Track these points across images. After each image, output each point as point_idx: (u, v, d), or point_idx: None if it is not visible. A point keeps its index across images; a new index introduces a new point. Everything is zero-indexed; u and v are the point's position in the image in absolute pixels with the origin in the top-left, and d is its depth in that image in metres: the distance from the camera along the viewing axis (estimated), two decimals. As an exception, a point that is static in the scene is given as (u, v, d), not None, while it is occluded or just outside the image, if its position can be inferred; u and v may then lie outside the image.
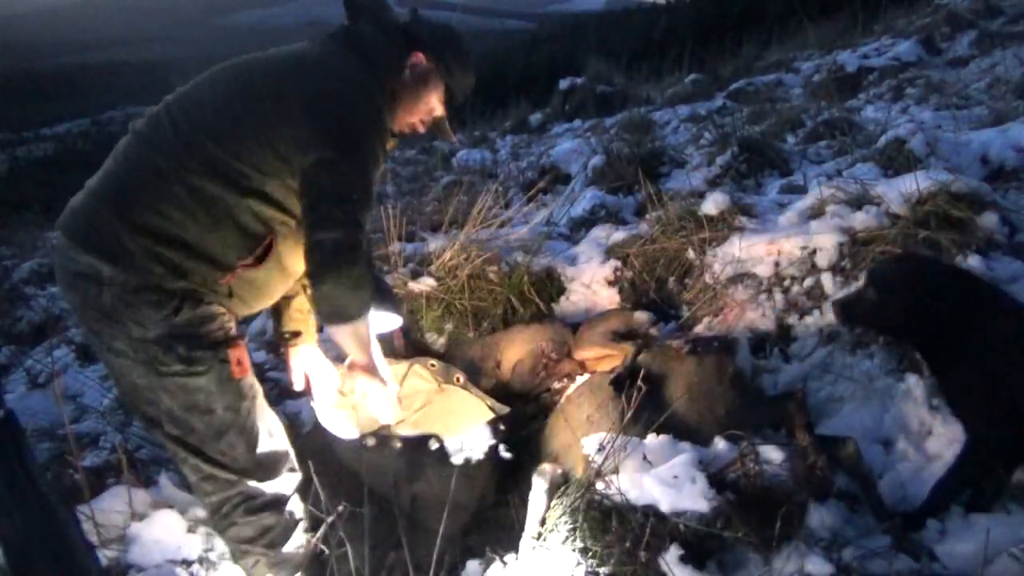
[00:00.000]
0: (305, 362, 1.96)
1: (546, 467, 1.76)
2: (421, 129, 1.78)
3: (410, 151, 7.40)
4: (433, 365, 2.24)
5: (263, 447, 1.61)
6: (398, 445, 1.84)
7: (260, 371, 2.45)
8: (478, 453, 1.88)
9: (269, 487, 1.62)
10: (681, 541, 1.49)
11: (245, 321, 2.80)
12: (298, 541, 1.66)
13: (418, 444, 1.85)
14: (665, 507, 1.51)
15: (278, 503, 1.63)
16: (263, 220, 1.53)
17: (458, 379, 2.22)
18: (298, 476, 1.69)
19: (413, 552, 1.55)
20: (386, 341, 2.23)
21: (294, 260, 1.62)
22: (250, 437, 1.59)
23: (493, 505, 1.96)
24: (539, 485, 1.72)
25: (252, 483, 1.59)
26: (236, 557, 1.68)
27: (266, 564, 1.63)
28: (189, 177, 1.46)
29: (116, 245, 1.46)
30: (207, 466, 1.58)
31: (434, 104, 1.75)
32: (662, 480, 1.55)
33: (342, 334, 1.63)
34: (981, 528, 1.41)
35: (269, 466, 1.62)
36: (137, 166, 1.50)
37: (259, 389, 1.64)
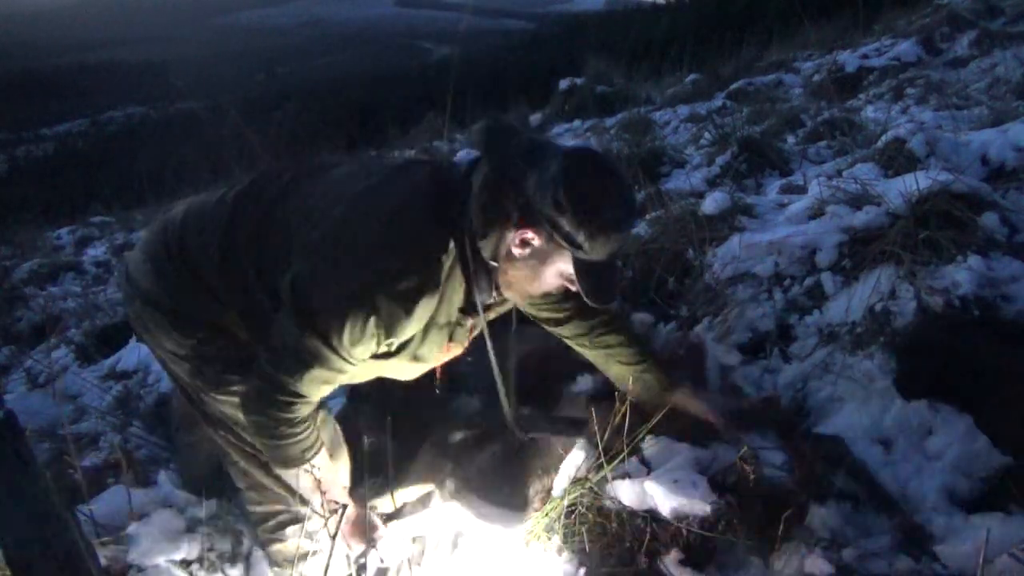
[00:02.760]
0: None
1: (541, 470, 1.76)
2: (572, 288, 1.38)
3: (409, 151, 7.39)
4: None
5: (319, 459, 1.55)
6: None
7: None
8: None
9: (318, 507, 1.57)
10: (681, 544, 1.48)
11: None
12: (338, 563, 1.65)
13: None
14: (665, 510, 1.51)
15: (325, 526, 1.59)
16: None
17: None
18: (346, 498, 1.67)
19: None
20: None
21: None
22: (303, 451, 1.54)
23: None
24: (537, 490, 1.72)
25: (301, 503, 1.56)
26: (272, 564, 1.69)
27: None
28: (245, 286, 1.45)
29: (170, 270, 1.49)
30: (259, 474, 1.57)
31: (563, 273, 1.36)
32: (662, 483, 1.54)
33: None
34: (981, 528, 1.41)
35: (325, 480, 1.57)
36: (211, 245, 1.47)
37: None
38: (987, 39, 5.38)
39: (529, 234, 1.30)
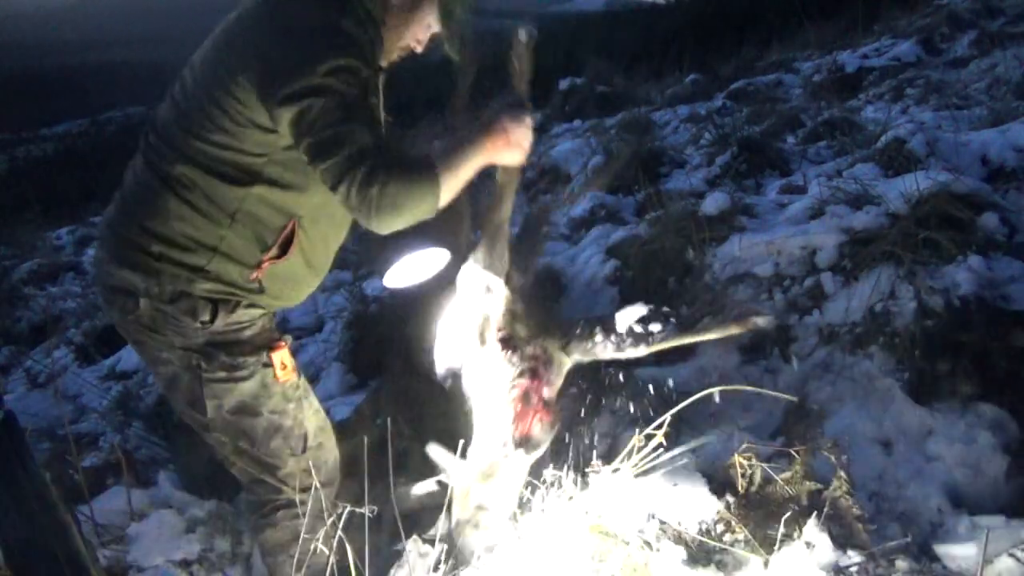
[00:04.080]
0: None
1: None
2: (419, 50, 1.60)
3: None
4: None
5: (311, 449, 1.60)
6: None
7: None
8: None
9: (313, 492, 1.60)
10: (682, 545, 1.49)
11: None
12: (327, 548, 1.66)
13: None
14: (666, 512, 1.51)
15: (317, 510, 1.61)
16: (277, 208, 1.49)
17: None
18: (338, 480, 1.69)
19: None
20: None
21: (318, 254, 1.59)
22: (298, 440, 1.59)
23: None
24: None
25: (297, 488, 1.58)
26: (264, 555, 1.69)
27: (291, 566, 1.62)
28: (193, 180, 1.45)
29: (142, 256, 1.46)
30: (256, 470, 1.59)
31: (429, 23, 1.56)
32: (662, 485, 1.55)
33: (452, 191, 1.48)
34: (981, 528, 1.41)
35: (316, 469, 1.61)
36: (146, 175, 1.50)
37: (307, 389, 1.63)
38: (987, 39, 5.37)
39: None
